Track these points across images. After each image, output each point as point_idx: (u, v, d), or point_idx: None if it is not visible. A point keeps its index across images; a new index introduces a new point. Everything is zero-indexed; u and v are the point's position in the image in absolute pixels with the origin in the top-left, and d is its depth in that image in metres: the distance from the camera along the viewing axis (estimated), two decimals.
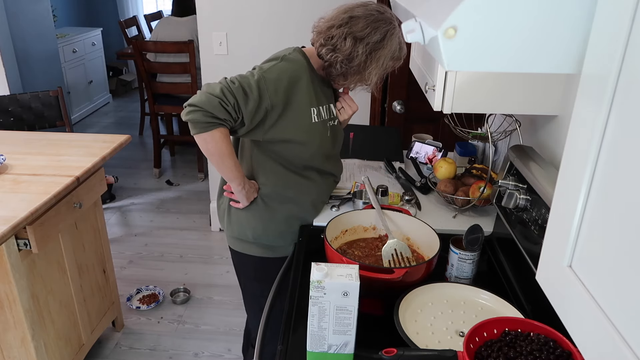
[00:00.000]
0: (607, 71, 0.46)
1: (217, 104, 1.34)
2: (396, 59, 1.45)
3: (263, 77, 1.38)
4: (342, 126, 1.66)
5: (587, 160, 0.49)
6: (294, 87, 1.43)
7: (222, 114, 1.36)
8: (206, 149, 1.43)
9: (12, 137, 2.36)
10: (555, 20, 0.53)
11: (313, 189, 1.59)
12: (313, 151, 1.52)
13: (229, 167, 1.46)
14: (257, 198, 1.56)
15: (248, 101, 1.37)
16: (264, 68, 1.42)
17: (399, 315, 1.10)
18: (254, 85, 1.37)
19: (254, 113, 1.39)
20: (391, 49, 1.42)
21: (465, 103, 1.30)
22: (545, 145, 1.42)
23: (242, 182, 1.50)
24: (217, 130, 1.38)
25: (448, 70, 1.23)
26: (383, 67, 1.44)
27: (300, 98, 1.45)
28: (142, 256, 3.14)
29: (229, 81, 1.38)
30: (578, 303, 0.50)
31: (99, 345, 2.40)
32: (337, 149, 1.66)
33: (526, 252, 1.18)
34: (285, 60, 1.44)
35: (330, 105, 1.57)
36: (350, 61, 1.42)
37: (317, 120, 1.50)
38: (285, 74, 1.42)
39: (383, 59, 1.42)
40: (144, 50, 4.00)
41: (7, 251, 1.62)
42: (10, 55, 3.82)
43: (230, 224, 1.63)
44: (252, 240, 1.60)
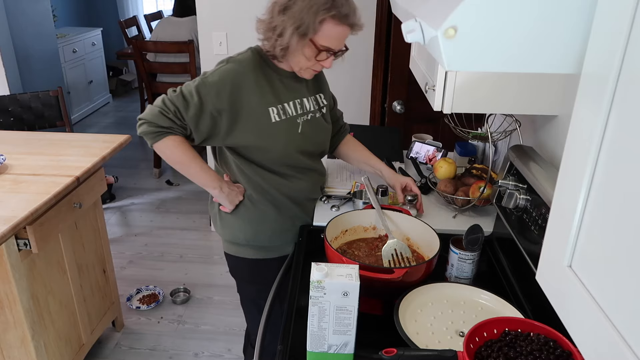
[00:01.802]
0: (607, 71, 0.46)
1: (158, 113, 1.37)
2: (326, 10, 1.29)
3: (203, 82, 1.37)
4: (328, 123, 1.61)
5: (587, 160, 0.49)
6: (240, 89, 1.39)
7: (164, 122, 1.37)
8: (166, 158, 1.46)
9: (12, 137, 2.36)
10: (555, 20, 0.53)
11: (295, 186, 1.55)
12: (279, 152, 1.47)
13: (194, 173, 1.47)
14: (244, 200, 1.54)
15: (188, 107, 1.36)
16: (207, 73, 1.40)
17: (399, 315, 1.10)
18: (194, 91, 1.36)
19: (197, 119, 1.38)
20: (310, 2, 1.29)
21: (465, 103, 1.30)
22: (545, 145, 1.42)
23: (217, 186, 1.49)
24: (167, 138, 1.39)
25: (448, 70, 1.23)
26: (301, 21, 1.30)
27: (251, 100, 1.40)
28: (142, 256, 3.14)
29: (172, 90, 1.39)
30: (578, 303, 0.50)
31: (99, 345, 2.40)
32: (318, 144, 1.59)
33: (526, 252, 1.17)
34: (231, 61, 1.41)
35: (304, 100, 1.51)
36: (274, 32, 1.35)
37: (278, 119, 1.44)
38: (228, 76, 1.38)
39: (299, 13, 1.30)
40: (144, 50, 4.00)
41: (7, 251, 1.62)
42: (10, 55, 3.82)
43: (222, 228, 1.62)
44: (245, 242, 1.59)
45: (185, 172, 1.48)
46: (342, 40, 1.38)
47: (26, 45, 4.11)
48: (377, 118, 2.94)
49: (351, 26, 1.36)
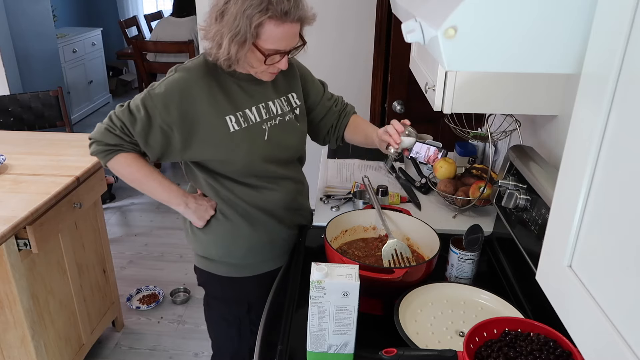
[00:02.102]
0: (607, 71, 0.46)
1: (104, 130, 1.30)
2: (262, 12, 1.16)
3: (149, 95, 1.27)
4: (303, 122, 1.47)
5: (587, 160, 0.49)
6: (190, 99, 1.27)
7: (112, 139, 1.30)
8: (121, 177, 1.37)
9: (12, 137, 2.36)
10: (555, 20, 0.53)
11: (267, 197, 1.42)
12: (243, 163, 1.34)
13: (152, 191, 1.39)
14: (215, 214, 1.42)
15: (135, 122, 1.27)
16: (155, 84, 1.30)
17: (399, 315, 1.10)
18: (140, 105, 1.27)
19: (145, 134, 1.28)
20: (243, 4, 1.16)
21: (465, 103, 1.30)
22: (545, 145, 1.42)
23: (180, 202, 1.40)
24: (118, 156, 1.32)
25: (448, 70, 1.24)
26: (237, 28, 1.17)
27: (204, 110, 1.28)
28: (142, 256, 3.14)
29: (119, 105, 1.32)
30: (578, 303, 0.50)
31: (99, 345, 2.40)
32: (290, 150, 1.44)
33: (526, 252, 1.17)
34: (179, 71, 1.31)
35: (269, 103, 1.38)
36: (213, 42, 1.24)
37: (238, 127, 1.31)
38: (176, 86, 1.27)
39: (234, 18, 1.17)
40: (144, 50, 4.00)
41: (7, 251, 1.62)
42: (10, 55, 3.82)
43: (195, 242, 1.50)
44: (218, 259, 1.47)
45: (143, 189, 1.39)
46: (292, 38, 1.24)
47: (26, 45, 4.10)
48: (377, 118, 2.94)
49: (298, 21, 1.22)
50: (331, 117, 1.56)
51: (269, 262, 1.50)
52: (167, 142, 1.30)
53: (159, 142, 1.30)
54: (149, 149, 1.32)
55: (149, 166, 1.37)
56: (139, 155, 1.35)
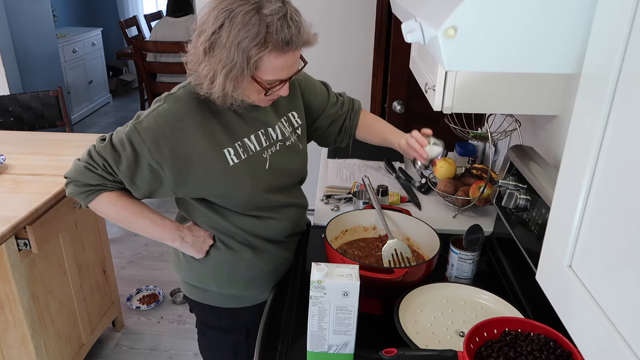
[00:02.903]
0: (607, 71, 0.46)
1: (84, 169, 1.16)
2: (260, 46, 1.02)
3: (136, 129, 1.12)
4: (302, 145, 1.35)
5: (587, 160, 0.49)
6: (182, 134, 1.13)
7: (93, 179, 1.16)
8: (106, 217, 1.25)
9: (12, 137, 2.36)
10: (555, 20, 0.53)
11: (272, 227, 1.31)
12: (245, 197, 1.23)
13: (144, 230, 1.26)
14: (215, 242, 1.31)
15: (120, 160, 1.14)
16: (142, 116, 1.15)
17: (399, 315, 1.10)
18: (125, 141, 1.13)
19: (132, 173, 1.15)
20: (237, 37, 1.02)
21: (465, 103, 1.30)
22: (545, 145, 1.42)
23: (176, 237, 1.27)
24: (101, 196, 1.18)
25: (448, 70, 1.24)
26: (232, 63, 1.04)
27: (199, 145, 1.15)
28: (142, 256, 3.14)
29: (100, 139, 1.18)
30: (578, 303, 0.50)
31: (99, 345, 2.40)
32: (293, 174, 1.34)
33: (526, 252, 1.17)
34: (168, 100, 1.16)
35: (269, 130, 1.26)
36: (205, 78, 1.09)
37: (237, 160, 1.19)
38: (166, 120, 1.13)
39: (227, 53, 1.03)
40: (144, 50, 4.01)
41: (7, 251, 1.62)
42: (10, 55, 3.82)
43: (188, 271, 1.36)
44: (217, 289, 1.35)
45: (133, 229, 1.27)
46: (293, 65, 1.12)
47: (26, 45, 4.11)
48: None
49: (299, 48, 1.09)
50: (338, 122, 1.47)
51: (268, 292, 1.38)
52: (156, 180, 1.17)
53: (147, 181, 1.17)
54: (135, 189, 1.19)
55: (136, 203, 1.23)
56: (124, 193, 1.21)
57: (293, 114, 1.34)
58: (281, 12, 1.03)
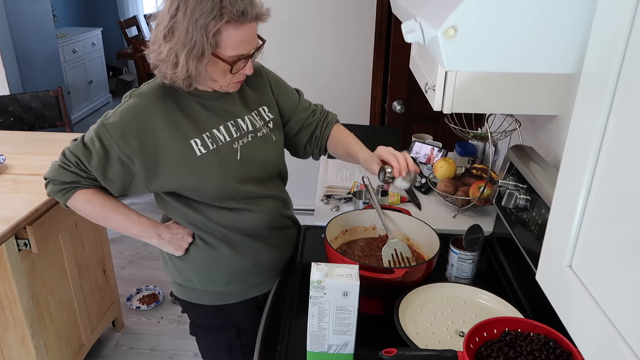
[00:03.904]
0: (607, 71, 0.46)
1: (58, 167, 1.22)
2: (216, 19, 1.06)
3: (103, 126, 1.16)
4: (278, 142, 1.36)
5: (587, 160, 0.49)
6: (149, 127, 1.17)
7: (67, 177, 1.21)
8: (84, 215, 1.27)
9: (12, 137, 2.36)
10: (555, 20, 0.53)
11: (248, 220, 1.31)
12: (216, 188, 1.23)
13: (120, 226, 1.29)
14: (194, 239, 1.32)
15: (91, 156, 1.18)
16: (109, 113, 1.20)
17: (399, 315, 1.10)
18: (94, 137, 1.17)
19: (103, 168, 1.19)
20: (192, 15, 1.05)
21: (465, 103, 1.30)
22: (545, 145, 1.42)
23: (152, 234, 1.30)
24: (77, 194, 1.23)
25: (448, 70, 1.23)
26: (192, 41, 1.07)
27: (166, 136, 1.18)
28: (142, 256, 3.14)
29: (72, 140, 1.24)
30: (578, 303, 0.50)
31: (99, 345, 2.40)
32: (267, 166, 1.33)
33: (526, 252, 1.17)
34: (133, 96, 1.20)
35: (238, 120, 1.27)
36: (166, 64, 1.12)
37: (205, 150, 1.21)
38: (132, 114, 1.16)
39: (186, 32, 1.06)
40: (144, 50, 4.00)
41: (7, 251, 1.62)
42: (10, 55, 3.82)
43: (173, 271, 1.38)
44: (200, 287, 1.36)
45: (110, 226, 1.30)
46: (252, 39, 1.14)
47: (26, 45, 4.11)
48: (377, 118, 2.94)
49: (255, 19, 1.12)
50: (308, 128, 1.44)
51: (254, 288, 1.40)
52: (128, 174, 1.21)
53: (119, 176, 1.20)
54: (109, 184, 1.22)
55: (112, 200, 1.26)
56: (100, 190, 1.25)
57: (264, 109, 1.35)
58: None
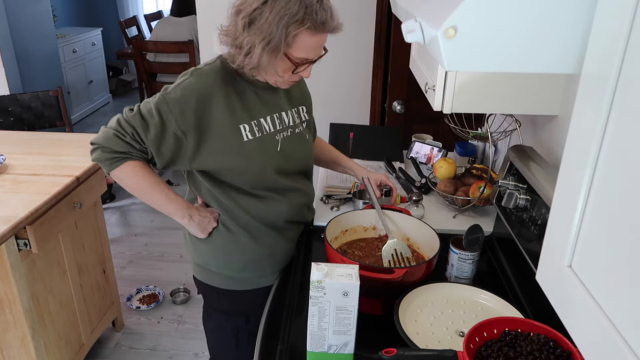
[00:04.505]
0: (607, 71, 0.46)
1: (113, 136, 1.23)
2: (299, 23, 1.13)
3: (164, 100, 1.21)
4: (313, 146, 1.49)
5: (587, 160, 0.49)
6: (207, 106, 1.22)
7: (121, 146, 1.23)
8: (124, 186, 1.30)
9: (12, 137, 2.36)
10: (555, 20, 0.53)
11: (271, 209, 1.37)
12: (255, 173, 1.30)
13: (157, 202, 1.33)
14: (217, 225, 1.38)
15: (148, 128, 1.22)
16: (169, 88, 1.24)
17: (399, 315, 1.10)
18: (154, 110, 1.21)
19: (158, 141, 1.23)
20: (278, 13, 1.12)
21: (465, 103, 1.30)
22: (545, 145, 1.42)
23: (185, 215, 1.34)
24: (126, 164, 1.25)
25: (448, 70, 1.23)
26: (271, 36, 1.14)
27: (220, 117, 1.24)
28: (142, 256, 3.14)
29: (128, 109, 1.26)
30: (578, 303, 0.50)
31: (99, 345, 2.40)
32: (300, 163, 1.42)
33: (526, 252, 1.17)
34: (195, 75, 1.25)
35: (282, 114, 1.35)
36: (240, 50, 1.19)
37: (251, 137, 1.27)
38: (193, 92, 1.22)
39: (268, 27, 1.13)
40: (144, 50, 4.01)
41: (7, 251, 1.62)
42: (10, 55, 3.82)
43: (193, 252, 1.45)
44: (216, 270, 1.43)
45: (147, 200, 1.34)
46: (321, 47, 1.22)
47: (26, 45, 4.11)
48: (377, 118, 2.94)
49: (330, 31, 1.20)
50: None
51: (267, 277, 1.45)
52: (178, 149, 1.25)
53: (171, 150, 1.25)
54: (159, 157, 1.26)
55: (155, 175, 1.31)
56: (146, 164, 1.29)
57: (302, 108, 1.44)
58: None
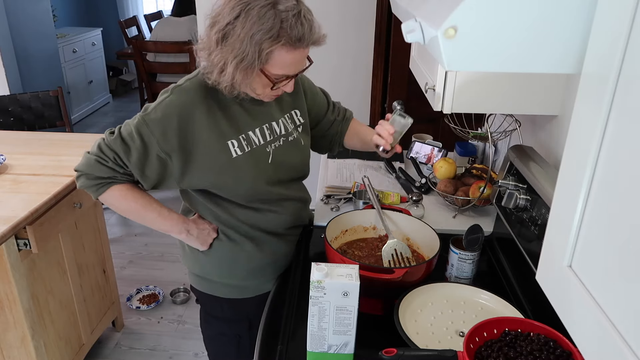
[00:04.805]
0: (607, 71, 0.46)
1: (95, 162, 1.19)
2: (273, 39, 1.06)
3: (144, 121, 1.16)
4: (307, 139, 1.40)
5: (587, 160, 0.49)
6: (190, 124, 1.17)
7: (104, 172, 1.20)
8: (116, 209, 1.27)
9: (12, 137, 2.36)
10: (555, 20, 0.53)
11: (271, 220, 1.35)
12: (247, 189, 1.26)
13: (151, 222, 1.30)
14: (218, 235, 1.35)
15: (130, 152, 1.17)
16: (149, 108, 1.18)
17: (399, 315, 1.10)
18: (134, 133, 1.16)
19: (142, 164, 1.19)
20: (251, 29, 1.05)
21: (465, 103, 1.30)
22: (545, 145, 1.42)
23: (182, 230, 1.30)
24: (112, 189, 1.22)
25: (448, 70, 1.23)
26: (244, 54, 1.07)
27: (205, 135, 1.18)
28: (142, 256, 3.14)
29: (109, 133, 1.21)
30: (578, 303, 0.50)
31: (99, 345, 2.40)
32: (295, 170, 1.37)
33: (526, 252, 1.17)
34: (175, 92, 1.19)
35: (273, 124, 1.30)
36: (215, 67, 1.12)
37: (240, 152, 1.22)
38: (174, 111, 1.16)
39: (240, 44, 1.06)
40: (144, 50, 4.01)
41: (7, 251, 1.62)
42: (10, 55, 3.82)
43: (192, 262, 1.41)
44: (218, 280, 1.39)
45: (141, 221, 1.30)
46: (301, 62, 1.15)
47: (26, 45, 4.11)
48: (377, 118, 2.94)
49: (310, 46, 1.13)
50: (334, 129, 1.52)
51: (270, 283, 1.43)
52: (163, 171, 1.21)
53: (156, 171, 1.21)
54: (144, 180, 1.22)
55: (145, 196, 1.27)
56: (134, 185, 1.25)
57: (296, 112, 1.38)
58: (295, 10, 1.07)
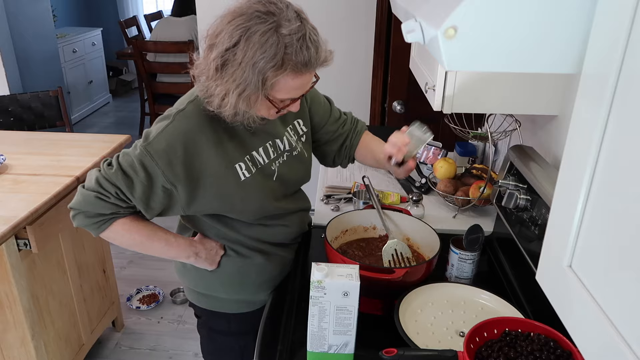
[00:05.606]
0: (607, 71, 0.46)
1: (95, 199, 1.09)
2: (277, 68, 0.98)
3: (147, 152, 1.07)
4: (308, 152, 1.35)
5: (587, 160, 0.49)
6: (196, 151, 1.10)
7: (106, 209, 1.11)
8: (120, 244, 1.20)
9: (12, 137, 2.36)
10: (555, 20, 0.53)
11: (279, 233, 1.33)
12: (255, 209, 1.22)
13: (157, 250, 1.24)
14: (226, 252, 1.30)
15: (133, 186, 1.09)
16: (150, 136, 1.09)
17: (399, 315, 1.10)
18: (137, 165, 1.08)
19: (147, 197, 1.11)
20: (253, 57, 0.96)
21: (465, 103, 1.30)
22: (545, 145, 1.42)
23: (190, 254, 1.25)
24: (115, 224, 1.14)
25: (448, 70, 1.23)
26: (245, 83, 0.99)
27: (213, 161, 1.12)
28: (142, 256, 3.14)
29: (106, 165, 1.12)
30: (578, 303, 0.50)
31: (99, 345, 2.40)
32: (298, 182, 1.35)
33: (526, 252, 1.17)
34: (177, 119, 1.10)
35: (276, 141, 1.25)
36: (215, 97, 1.04)
37: (248, 175, 1.17)
38: (178, 138, 1.08)
39: (242, 73, 0.98)
40: (144, 50, 4.01)
41: (7, 251, 1.62)
42: (10, 55, 3.82)
43: (192, 278, 1.34)
44: (226, 296, 1.33)
45: (147, 251, 1.24)
46: (308, 83, 1.08)
47: (26, 45, 4.11)
48: (377, 118, 2.94)
49: (317, 67, 1.06)
50: (338, 140, 1.44)
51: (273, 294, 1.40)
52: (169, 200, 1.14)
53: (161, 202, 1.14)
54: (148, 211, 1.15)
55: (148, 224, 1.20)
56: (136, 216, 1.17)
57: (298, 122, 1.33)
58: (300, 32, 0.98)
